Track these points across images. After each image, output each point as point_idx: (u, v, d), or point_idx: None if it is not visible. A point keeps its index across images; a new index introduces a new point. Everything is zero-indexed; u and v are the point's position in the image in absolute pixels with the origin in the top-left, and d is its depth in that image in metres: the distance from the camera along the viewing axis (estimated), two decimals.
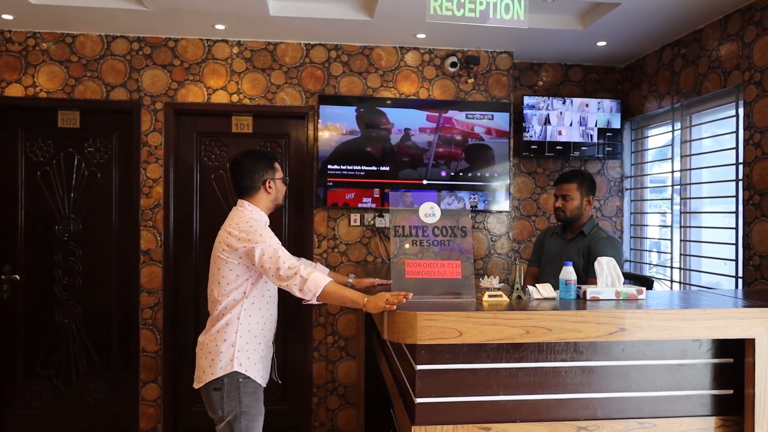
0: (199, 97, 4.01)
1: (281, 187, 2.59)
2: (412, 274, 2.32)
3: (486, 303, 2.28)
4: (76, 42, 3.93)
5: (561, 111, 4.36)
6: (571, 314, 2.10)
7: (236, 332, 2.39)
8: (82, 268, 4.05)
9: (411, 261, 2.33)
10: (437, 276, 2.33)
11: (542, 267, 3.26)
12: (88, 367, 4.05)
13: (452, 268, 2.34)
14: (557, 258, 3.11)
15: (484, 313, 2.08)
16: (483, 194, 4.17)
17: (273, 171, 2.54)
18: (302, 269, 2.27)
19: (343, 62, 4.11)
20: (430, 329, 2.04)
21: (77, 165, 4.04)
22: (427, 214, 2.39)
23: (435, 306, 2.19)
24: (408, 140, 4.09)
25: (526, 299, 2.38)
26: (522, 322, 2.07)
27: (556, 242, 3.21)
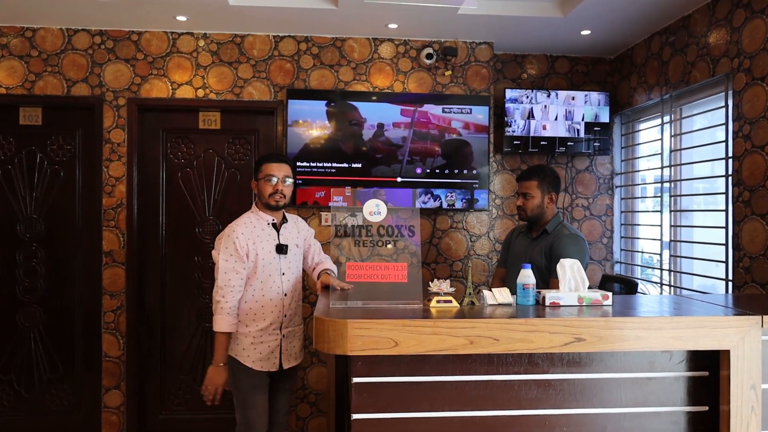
0: (164, 92, 3.85)
1: (261, 186, 2.70)
2: (354, 277, 2.13)
3: (433, 309, 2.08)
4: (37, 36, 3.79)
5: (545, 104, 4.14)
6: (520, 323, 1.90)
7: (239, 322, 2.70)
8: (44, 270, 3.91)
9: (352, 263, 2.13)
10: (381, 280, 2.14)
11: (507, 267, 3.06)
12: (50, 372, 3.91)
13: (398, 270, 2.15)
14: (521, 258, 2.91)
15: (422, 321, 1.88)
16: (461, 192, 3.96)
17: (258, 172, 2.73)
18: (227, 304, 2.60)
19: (314, 55, 3.93)
20: (362, 339, 1.84)
21: (39, 163, 3.91)
22: (371, 212, 2.20)
23: (372, 313, 2.00)
24: (381, 136, 3.90)
25: (480, 305, 2.17)
26: (465, 331, 1.87)
27: (522, 241, 3.02)
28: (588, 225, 4.34)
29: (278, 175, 2.68)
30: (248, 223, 2.70)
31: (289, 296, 2.75)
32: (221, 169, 4.00)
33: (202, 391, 2.65)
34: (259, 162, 2.74)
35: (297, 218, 2.94)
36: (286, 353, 2.74)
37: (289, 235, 2.78)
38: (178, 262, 3.97)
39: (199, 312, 3.97)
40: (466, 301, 2.17)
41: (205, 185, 3.99)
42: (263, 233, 2.70)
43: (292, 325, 2.78)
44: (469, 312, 2.07)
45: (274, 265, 2.69)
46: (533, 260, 2.84)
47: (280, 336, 2.71)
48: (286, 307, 2.73)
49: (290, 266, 2.77)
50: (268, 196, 2.67)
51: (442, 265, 4.04)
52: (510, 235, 3.19)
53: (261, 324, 2.67)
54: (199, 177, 3.99)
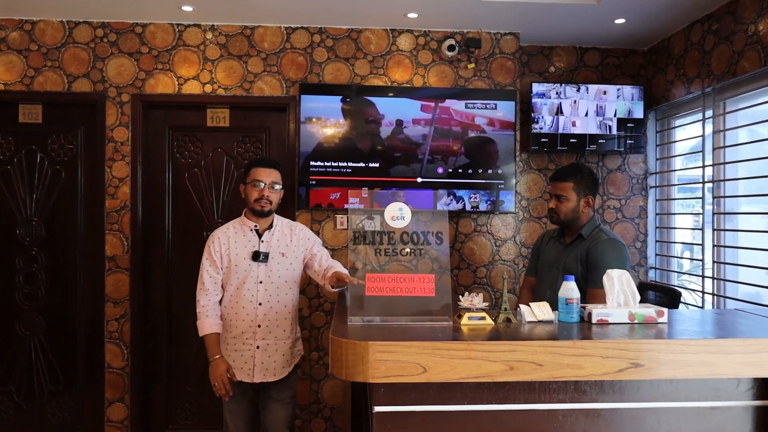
0: (170, 88, 3.64)
1: (248, 190, 2.66)
2: (374, 291, 1.88)
3: (465, 328, 1.84)
4: (36, 29, 3.59)
5: (575, 99, 3.87)
6: (568, 345, 1.65)
7: None
8: (45, 275, 3.71)
9: (372, 275, 1.89)
10: (405, 293, 1.90)
11: (538, 276, 2.80)
12: (51, 383, 3.71)
13: (424, 283, 1.90)
14: (553, 265, 2.66)
15: (455, 344, 1.64)
16: (486, 193, 3.71)
17: (246, 175, 2.68)
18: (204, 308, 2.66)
19: (328, 47, 3.70)
20: (385, 364, 1.60)
21: (40, 163, 3.71)
22: (394, 216, 1.96)
23: (396, 333, 1.75)
24: (400, 133, 3.66)
25: (517, 323, 1.92)
26: (505, 355, 1.62)
27: (553, 247, 2.75)
28: (620, 228, 4.06)
29: (266, 180, 2.62)
30: (230, 228, 2.72)
31: (266, 306, 2.63)
32: (230, 169, 3.78)
33: (214, 390, 2.65)
34: (249, 166, 2.71)
35: (295, 225, 2.80)
36: (261, 366, 2.63)
37: (274, 243, 2.67)
38: (185, 267, 3.75)
39: None
40: (501, 317, 1.92)
41: (214, 186, 3.77)
42: (243, 239, 2.67)
43: (271, 338, 2.65)
44: (505, 331, 1.82)
45: (249, 272, 2.62)
46: (567, 268, 2.59)
47: (253, 347, 2.63)
48: (260, 317, 2.63)
49: (271, 275, 2.64)
50: (254, 201, 2.62)
51: (465, 271, 3.78)
52: (540, 241, 2.93)
53: (234, 331, 2.65)
54: (207, 177, 3.77)
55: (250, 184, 2.63)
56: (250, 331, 2.62)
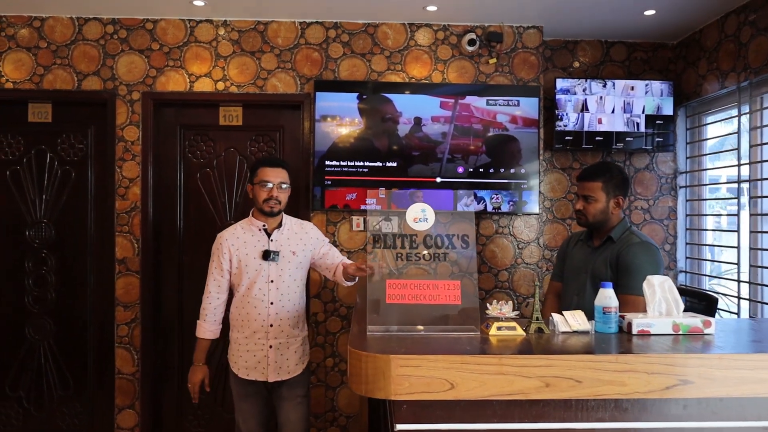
0: (181, 86, 3.53)
1: (256, 191, 2.59)
2: (395, 298, 1.75)
3: (494, 339, 1.70)
4: (45, 26, 3.51)
5: (601, 95, 3.71)
6: (610, 360, 1.50)
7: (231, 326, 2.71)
8: (55, 278, 3.62)
9: (393, 281, 1.76)
10: (428, 301, 1.76)
11: (564, 281, 2.64)
12: (61, 389, 3.63)
13: (449, 290, 1.76)
14: (581, 270, 2.50)
15: (486, 357, 1.50)
16: (508, 194, 3.55)
17: (253, 176, 2.61)
18: (204, 311, 2.65)
19: (344, 42, 3.57)
20: (409, 380, 1.47)
21: (50, 163, 3.62)
22: (416, 218, 1.82)
23: (420, 345, 1.62)
24: (419, 131, 3.52)
25: (550, 333, 1.78)
26: (540, 370, 1.48)
27: (581, 251, 2.59)
28: (648, 229, 3.89)
29: (274, 180, 2.56)
30: (237, 229, 2.66)
31: (277, 305, 2.59)
32: (243, 169, 3.66)
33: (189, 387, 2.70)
34: (256, 166, 2.64)
35: (304, 224, 2.76)
36: (275, 365, 2.59)
37: (284, 241, 2.63)
38: (197, 270, 3.64)
39: None
40: (532, 327, 1.78)
41: (226, 187, 3.66)
42: (252, 239, 2.61)
43: (283, 336, 2.60)
44: (538, 343, 1.68)
45: (259, 271, 2.58)
46: (595, 272, 2.43)
47: (266, 347, 2.58)
48: (272, 317, 2.58)
49: (282, 274, 2.60)
50: (263, 202, 2.57)
51: (487, 275, 3.63)
52: (566, 244, 2.77)
53: (246, 332, 2.60)
54: (220, 178, 3.66)
55: (258, 184, 2.57)
56: (262, 330, 2.58)
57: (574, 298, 2.51)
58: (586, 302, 2.43)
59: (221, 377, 3.65)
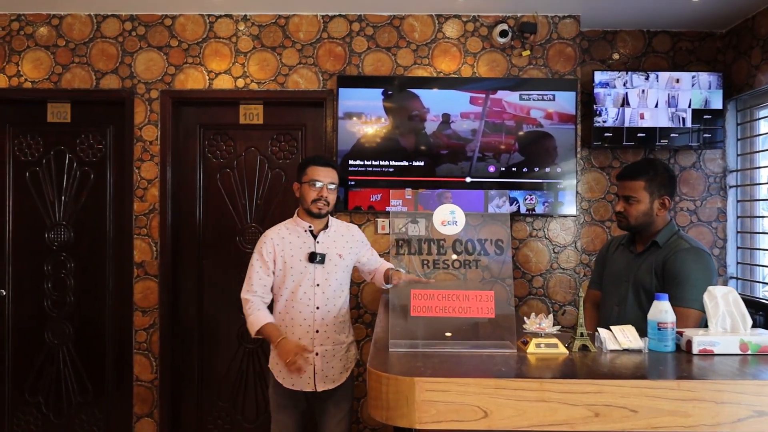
0: (200, 83, 3.41)
1: (304, 190, 2.51)
2: (421, 310, 1.57)
3: (533, 358, 1.50)
4: (63, 24, 3.43)
5: (643, 89, 3.46)
6: (670, 386, 1.29)
7: None
8: (73, 282, 3.54)
9: (418, 291, 1.57)
10: (458, 314, 1.57)
11: (603, 289, 2.42)
12: (80, 395, 3.54)
13: (482, 302, 1.57)
14: (622, 278, 2.28)
15: (524, 382, 1.30)
16: (542, 194, 3.34)
17: (301, 174, 2.53)
18: (251, 304, 2.43)
19: (368, 36, 3.40)
20: (435, 406, 1.29)
21: (69, 164, 3.54)
22: (445, 221, 1.64)
23: (448, 364, 1.43)
24: (447, 128, 3.33)
25: (596, 351, 1.57)
26: (588, 397, 1.28)
27: (622, 257, 2.36)
28: (695, 233, 3.62)
29: (324, 180, 2.48)
30: (282, 229, 2.55)
31: (323, 310, 2.48)
32: (264, 169, 3.53)
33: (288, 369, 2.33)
34: (305, 164, 2.54)
35: (350, 226, 2.68)
36: (321, 374, 2.46)
37: (330, 244, 2.53)
38: (217, 274, 3.52)
39: (240, 332, 3.51)
40: (576, 344, 1.58)
41: (247, 188, 3.53)
42: (297, 240, 2.50)
43: (330, 343, 2.49)
44: (583, 363, 1.48)
45: (305, 274, 2.46)
46: (638, 281, 2.21)
47: (312, 355, 2.44)
48: (318, 322, 2.47)
49: (328, 277, 2.49)
50: (311, 202, 2.47)
51: (520, 281, 3.42)
52: (605, 249, 2.55)
53: (291, 338, 2.43)
54: (240, 179, 3.53)
55: (307, 183, 2.48)
56: (307, 337, 2.45)
57: (614, 309, 2.29)
58: (628, 313, 2.22)
59: (240, 386, 3.51)
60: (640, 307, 2.20)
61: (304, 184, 2.49)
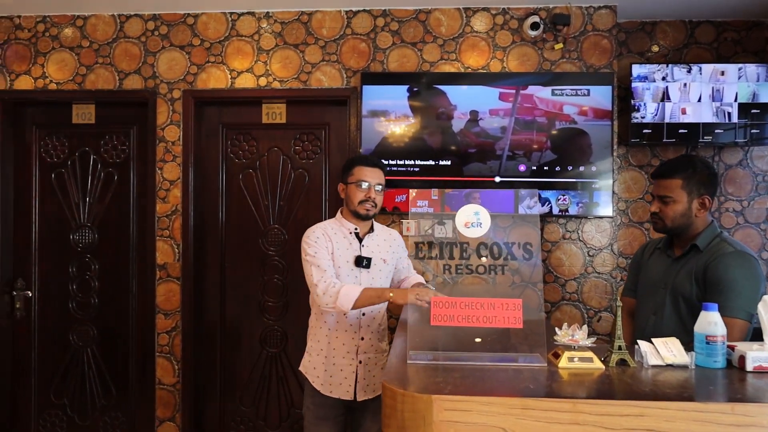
0: (222, 82, 3.36)
1: (351, 191, 2.39)
2: (442, 319, 1.45)
3: (565, 373, 1.37)
4: (87, 24, 3.42)
5: (685, 82, 3.26)
6: (724, 410, 1.14)
7: (309, 334, 2.45)
8: (97, 284, 3.52)
9: (439, 299, 1.45)
10: (483, 324, 1.44)
11: (638, 297, 2.25)
12: (104, 397, 3.52)
13: (508, 311, 1.44)
14: (659, 284, 2.11)
15: (555, 402, 1.17)
16: (576, 194, 3.17)
17: (347, 175, 2.42)
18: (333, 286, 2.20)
19: (393, 31, 3.29)
20: (455, 426, 1.17)
21: (93, 166, 3.53)
22: (468, 223, 1.51)
23: (472, 380, 1.31)
24: (475, 125, 3.19)
25: (636, 367, 1.43)
26: (628, 420, 1.14)
27: (659, 261, 2.19)
28: (741, 235, 3.40)
29: (371, 181, 2.37)
30: (328, 227, 2.41)
31: (368, 317, 2.39)
32: (287, 169, 3.45)
33: (417, 302, 1.87)
34: (350, 164, 2.43)
35: (391, 231, 2.59)
36: (363, 383, 2.37)
37: (375, 248, 2.43)
38: (239, 277, 3.46)
39: (263, 336, 3.44)
40: (614, 358, 1.43)
41: (269, 189, 3.46)
42: (344, 241, 2.39)
43: (372, 351, 2.41)
44: (622, 380, 1.33)
45: (350, 278, 2.35)
46: (677, 288, 2.04)
47: (356, 362, 2.36)
48: (363, 329, 2.38)
49: (372, 282, 2.38)
50: (358, 204, 2.35)
51: (552, 285, 3.26)
52: (640, 253, 2.37)
53: (335, 343, 2.36)
54: (263, 179, 3.46)
55: (354, 184, 2.36)
56: (352, 344, 2.36)
57: (650, 318, 2.13)
58: (665, 323, 2.05)
59: (263, 391, 3.44)
60: (678, 317, 2.04)
61: (350, 185, 2.38)
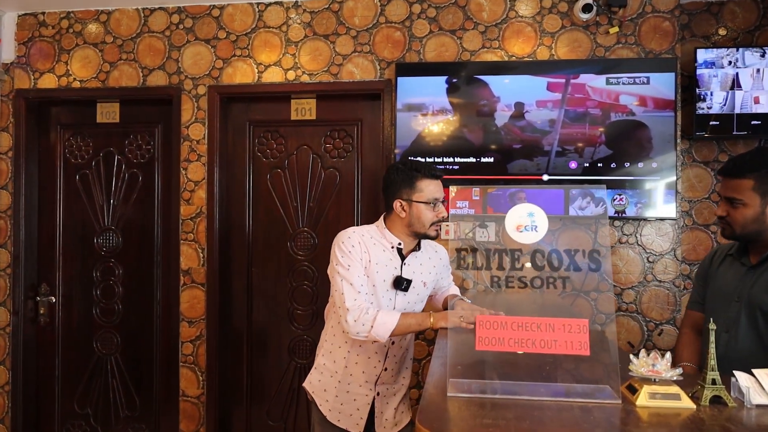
0: (249, 77, 3.17)
1: (420, 212, 1.99)
2: (489, 343, 1.19)
3: (644, 414, 1.09)
4: (111, 19, 3.28)
5: (758, 68, 2.90)
6: None
7: (321, 349, 2.16)
8: (121, 290, 3.39)
9: (484, 318, 1.20)
10: (539, 350, 1.18)
11: (707, 311, 1.94)
12: (128, 409, 3.38)
13: (571, 334, 1.18)
14: (731, 296, 1.80)
15: None
16: (634, 193, 2.86)
17: (410, 190, 2.00)
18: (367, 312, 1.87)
19: (430, 18, 3.04)
20: None
21: (117, 166, 3.40)
22: (521, 226, 1.25)
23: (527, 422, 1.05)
24: (521, 119, 2.92)
25: (734, 405, 1.14)
26: None
27: (731, 271, 1.87)
28: None
29: (441, 196, 2.03)
30: (365, 236, 2.03)
31: (397, 345, 2.10)
32: (317, 169, 3.24)
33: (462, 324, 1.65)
34: (413, 176, 2.01)
35: (438, 247, 2.23)
36: (380, 417, 2.10)
37: (417, 268, 2.09)
38: (267, 283, 3.27)
39: (291, 346, 3.23)
40: (706, 395, 1.15)
41: (299, 189, 3.25)
42: (383, 256, 2.02)
43: (392, 382, 2.13)
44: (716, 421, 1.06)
45: (385, 300, 2.02)
46: (754, 301, 1.74)
47: (373, 393, 2.09)
48: (389, 359, 2.09)
49: (407, 307, 2.07)
50: (429, 226, 2.01)
51: (605, 294, 2.94)
52: (709, 260, 2.05)
53: (353, 370, 2.07)
54: (291, 179, 3.26)
55: (424, 203, 1.99)
56: (374, 373, 2.07)
57: (722, 336, 1.81)
58: (740, 342, 1.75)
59: (291, 404, 3.23)
60: (757, 334, 1.74)
61: (419, 204, 1.98)
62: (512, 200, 2.86)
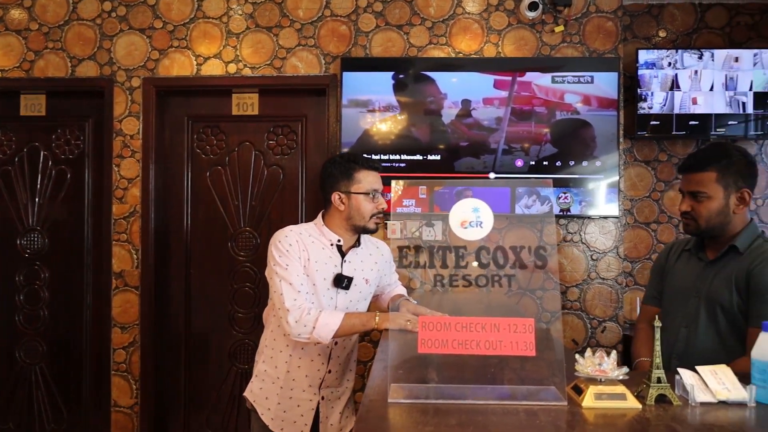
0: (187, 69, 3.02)
1: (360, 203, 1.93)
2: (432, 345, 1.12)
3: (590, 415, 1.05)
4: (36, 5, 3.07)
5: (696, 69, 2.98)
6: None
7: (262, 355, 2.02)
8: (47, 294, 3.17)
9: (427, 318, 1.13)
10: (483, 351, 1.13)
11: (664, 307, 1.94)
12: (54, 421, 3.16)
13: (517, 334, 1.13)
14: (690, 292, 1.79)
15: None
16: (578, 192, 2.87)
17: (349, 182, 1.94)
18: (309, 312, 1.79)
19: (377, 12, 2.98)
20: None
21: (43, 162, 3.18)
22: (465, 221, 1.20)
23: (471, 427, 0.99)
24: (467, 116, 2.89)
25: (679, 404, 1.11)
26: None
27: (689, 266, 1.87)
28: None
29: (380, 188, 1.98)
30: (303, 233, 1.94)
31: (340, 346, 1.99)
32: (260, 166, 3.12)
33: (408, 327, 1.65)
34: (351, 167, 1.95)
35: (379, 243, 2.16)
36: (325, 422, 1.99)
37: (358, 265, 2.00)
38: (206, 285, 3.12)
39: (232, 351, 3.10)
40: (652, 393, 1.12)
41: (240, 187, 3.12)
42: (322, 254, 1.93)
43: (336, 385, 2.02)
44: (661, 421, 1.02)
45: (326, 300, 1.92)
46: (713, 296, 1.73)
47: (317, 398, 1.97)
48: (333, 361, 1.98)
49: (350, 306, 1.97)
50: (369, 218, 1.95)
51: (551, 292, 2.94)
52: (665, 256, 2.05)
53: (295, 374, 1.95)
54: (233, 177, 3.13)
55: (363, 194, 1.93)
56: (317, 377, 1.96)
57: (680, 331, 1.81)
58: (699, 338, 1.75)
59: (232, 412, 3.10)
60: (715, 330, 1.74)
61: (357, 195, 1.92)
62: (459, 198, 2.83)
